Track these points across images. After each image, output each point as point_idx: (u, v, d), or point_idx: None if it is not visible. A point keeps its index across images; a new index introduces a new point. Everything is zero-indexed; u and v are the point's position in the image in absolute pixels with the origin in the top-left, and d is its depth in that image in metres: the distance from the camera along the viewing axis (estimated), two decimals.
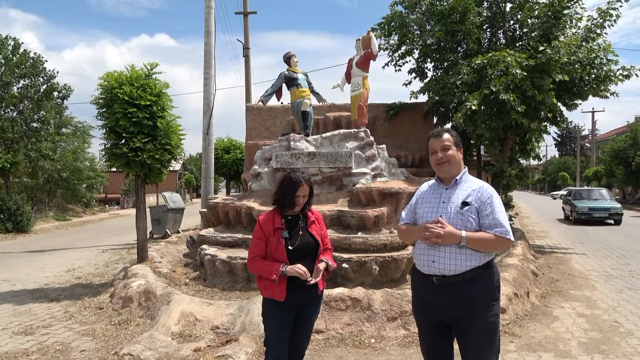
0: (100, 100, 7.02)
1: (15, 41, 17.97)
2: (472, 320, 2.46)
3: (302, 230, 3.01)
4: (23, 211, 16.32)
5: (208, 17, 12.81)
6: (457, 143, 2.66)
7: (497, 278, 2.55)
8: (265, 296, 2.96)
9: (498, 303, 2.53)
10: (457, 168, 2.64)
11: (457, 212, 2.52)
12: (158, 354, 4.22)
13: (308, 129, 8.42)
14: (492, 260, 2.56)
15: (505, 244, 2.50)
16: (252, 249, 2.99)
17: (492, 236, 2.45)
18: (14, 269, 9.24)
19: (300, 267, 2.83)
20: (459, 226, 2.50)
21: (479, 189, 2.56)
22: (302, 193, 2.98)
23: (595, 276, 7.76)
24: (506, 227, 2.46)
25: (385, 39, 11.82)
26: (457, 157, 2.64)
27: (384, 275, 6.15)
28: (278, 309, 2.91)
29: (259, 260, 2.94)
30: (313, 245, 3.00)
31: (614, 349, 4.42)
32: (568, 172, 54.14)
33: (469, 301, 2.46)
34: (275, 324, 2.94)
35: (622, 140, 29.59)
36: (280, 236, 2.92)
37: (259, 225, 3.00)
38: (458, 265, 2.48)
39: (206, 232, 7.61)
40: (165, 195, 14.52)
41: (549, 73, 8.96)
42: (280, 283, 2.86)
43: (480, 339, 2.49)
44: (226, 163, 18.96)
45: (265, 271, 2.88)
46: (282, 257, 2.88)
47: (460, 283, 2.48)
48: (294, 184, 2.97)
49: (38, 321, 5.54)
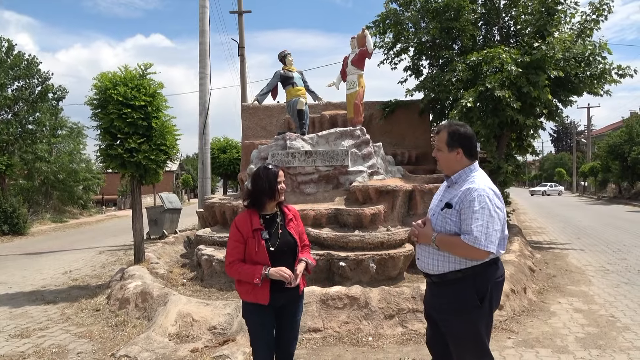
0: (94, 101, 6.99)
1: (9, 42, 17.89)
2: (446, 323, 2.51)
3: (281, 228, 2.92)
4: (19, 213, 16.23)
5: (203, 17, 12.78)
6: (451, 142, 2.52)
7: (482, 286, 2.42)
8: (247, 300, 2.86)
9: (481, 311, 2.41)
10: (449, 168, 2.58)
11: (439, 213, 2.54)
12: (155, 355, 4.21)
13: (304, 127, 8.40)
14: (479, 267, 2.42)
15: (474, 253, 2.35)
16: (231, 252, 2.85)
17: (461, 242, 2.37)
18: (11, 271, 9.20)
19: (285, 271, 2.75)
20: (440, 227, 2.51)
21: (465, 192, 2.43)
22: (281, 178, 2.93)
23: (592, 271, 7.78)
24: (476, 235, 2.32)
25: (380, 37, 11.81)
26: (446, 158, 2.56)
27: (381, 273, 6.14)
28: (260, 312, 2.84)
29: (239, 264, 2.81)
30: (293, 244, 2.92)
31: (611, 343, 4.43)
32: (564, 168, 54.38)
33: (443, 305, 2.51)
34: (259, 326, 2.87)
35: (617, 136, 29.75)
36: (260, 237, 2.81)
37: (236, 226, 2.87)
38: (435, 265, 2.51)
39: (203, 232, 7.59)
40: (162, 196, 14.48)
41: (543, 69, 8.98)
42: (263, 286, 2.76)
43: (458, 343, 2.50)
44: (223, 163, 18.96)
45: (247, 275, 2.76)
46: (263, 260, 2.78)
47: (442, 284, 2.51)
48: (273, 173, 2.90)
49: (34, 324, 5.51)
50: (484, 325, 2.45)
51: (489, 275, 2.45)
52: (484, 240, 2.31)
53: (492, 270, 2.46)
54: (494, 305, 2.50)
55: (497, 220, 2.37)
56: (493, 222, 2.35)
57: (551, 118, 10.84)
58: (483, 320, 2.44)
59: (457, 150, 2.52)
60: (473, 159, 2.56)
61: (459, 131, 2.53)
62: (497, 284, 2.49)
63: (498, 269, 2.51)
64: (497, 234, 2.36)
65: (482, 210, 2.34)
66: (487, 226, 2.33)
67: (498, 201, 2.42)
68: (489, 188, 2.42)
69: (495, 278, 2.48)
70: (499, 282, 2.51)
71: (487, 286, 2.43)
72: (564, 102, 10.57)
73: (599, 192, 39.13)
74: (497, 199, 2.42)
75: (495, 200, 2.40)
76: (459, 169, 2.54)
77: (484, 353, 2.46)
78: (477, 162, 2.60)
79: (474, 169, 2.54)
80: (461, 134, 2.53)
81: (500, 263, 2.55)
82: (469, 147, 2.53)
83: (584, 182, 45.52)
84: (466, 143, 2.53)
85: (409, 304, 4.86)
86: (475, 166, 2.57)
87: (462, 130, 2.54)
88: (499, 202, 2.43)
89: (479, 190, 2.39)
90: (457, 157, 2.53)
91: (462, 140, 2.52)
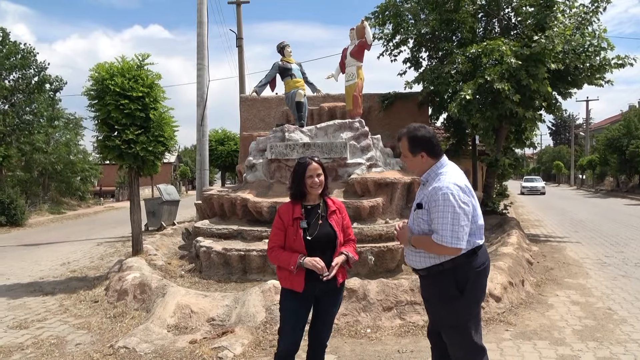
0: (91, 92, 6.94)
1: (4, 32, 17.72)
2: (434, 314, 2.68)
3: (321, 219, 2.95)
4: (17, 205, 16.22)
5: (200, 7, 12.66)
6: (413, 148, 2.60)
7: (462, 276, 2.50)
8: (284, 286, 2.94)
9: (463, 301, 2.49)
10: (417, 171, 2.70)
11: (413, 213, 2.67)
12: (154, 346, 4.21)
13: (302, 119, 8.37)
14: (459, 258, 2.49)
15: (444, 250, 2.45)
16: (272, 239, 2.97)
17: (431, 241, 2.48)
18: (8, 262, 9.19)
19: (319, 262, 2.79)
20: (415, 227, 2.64)
21: (431, 191, 2.51)
22: (314, 172, 2.90)
23: (589, 264, 7.81)
24: (442, 234, 2.42)
25: (379, 29, 11.73)
26: (412, 163, 2.67)
27: (379, 265, 6.15)
28: (294, 299, 2.90)
29: (278, 250, 2.91)
30: (332, 236, 2.94)
31: (608, 336, 4.45)
32: (562, 161, 54.39)
33: (430, 296, 2.66)
34: (290, 313, 2.93)
35: (616, 129, 29.76)
36: (299, 226, 2.88)
37: (279, 215, 2.97)
38: (418, 262, 2.63)
39: (201, 224, 7.58)
40: (160, 188, 14.46)
41: (543, 62, 8.94)
42: (298, 274, 2.83)
43: (446, 333, 2.62)
44: (221, 154, 18.91)
45: (284, 261, 2.85)
46: (300, 248, 2.85)
47: (427, 277, 2.64)
48: (301, 166, 2.93)
49: (33, 315, 5.51)
50: (468, 315, 2.53)
51: (468, 266, 2.53)
52: (449, 237, 2.41)
53: (471, 260, 2.54)
54: (478, 295, 2.58)
55: (463, 216, 2.43)
56: (459, 218, 2.42)
57: (550, 111, 10.83)
58: (466, 310, 2.52)
59: (421, 154, 2.61)
60: (438, 157, 2.63)
61: (417, 135, 2.61)
62: (478, 273, 2.56)
63: (478, 257, 2.56)
64: (464, 229, 2.43)
65: (446, 208, 2.43)
66: (453, 223, 2.42)
67: (464, 196, 2.47)
68: (453, 184, 2.47)
69: (476, 267, 2.55)
70: (480, 272, 2.57)
71: (468, 276, 2.51)
72: (563, 94, 10.55)
73: (597, 185, 39.22)
74: (463, 194, 2.47)
75: (461, 195, 2.45)
76: (427, 169, 2.64)
77: (469, 342, 2.54)
78: (444, 157, 2.65)
79: (442, 166, 2.61)
80: (420, 137, 2.60)
81: (482, 251, 2.60)
82: (430, 148, 2.60)
83: (582, 176, 45.60)
84: (427, 145, 2.60)
85: (407, 296, 4.87)
86: (443, 162, 2.62)
87: (420, 134, 2.61)
88: (465, 197, 2.47)
89: (443, 189, 2.46)
90: (422, 160, 2.63)
91: (422, 143, 2.60)
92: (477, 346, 2.55)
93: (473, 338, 2.53)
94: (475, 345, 2.55)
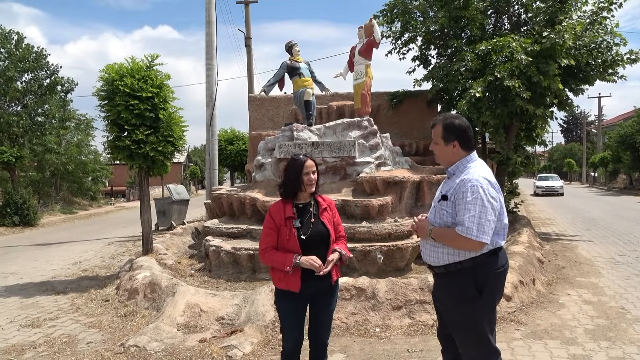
0: (101, 92, 7.00)
1: (18, 35, 17.96)
2: (448, 314, 2.58)
3: (314, 218, 2.94)
4: (29, 205, 16.43)
5: (209, 7, 12.71)
6: (447, 136, 2.53)
7: (481, 277, 2.42)
8: (279, 287, 2.91)
9: (481, 301, 2.41)
10: (446, 161, 2.59)
11: (436, 205, 2.58)
12: (164, 345, 4.24)
13: (311, 118, 8.36)
14: (479, 258, 2.43)
15: (467, 244, 2.36)
16: (264, 239, 2.92)
17: (454, 233, 2.39)
18: (21, 262, 9.31)
19: (316, 260, 2.77)
20: (437, 219, 2.54)
21: (459, 183, 2.44)
22: (309, 169, 2.91)
23: (601, 263, 7.71)
24: (467, 225, 2.33)
25: (387, 27, 11.66)
26: (442, 151, 2.58)
27: (388, 264, 6.13)
28: (291, 300, 2.88)
29: (271, 251, 2.87)
30: (325, 234, 2.93)
31: (621, 335, 4.39)
32: (574, 159, 53.76)
33: (445, 296, 2.56)
34: (287, 313, 2.93)
35: (629, 126, 29.25)
36: (292, 226, 2.85)
37: (270, 215, 2.93)
38: (436, 258, 2.54)
39: (210, 223, 7.61)
40: (170, 187, 14.56)
41: (554, 58, 8.82)
42: (294, 274, 2.80)
43: (460, 334, 2.54)
44: (230, 154, 18.96)
45: (278, 262, 2.81)
46: (294, 248, 2.82)
47: (444, 276, 2.55)
48: (297, 163, 2.92)
49: (45, 314, 5.58)
50: (485, 316, 2.46)
51: (488, 266, 2.46)
52: (475, 230, 2.33)
53: (492, 260, 2.47)
54: (496, 296, 2.51)
55: (491, 210, 2.36)
56: (486, 212, 2.35)
57: (562, 108, 10.70)
58: (484, 310, 2.45)
59: (454, 143, 2.54)
60: (470, 150, 2.57)
61: (454, 124, 2.54)
62: (497, 274, 2.49)
63: (498, 259, 2.50)
64: (490, 224, 2.36)
65: (475, 200, 2.35)
66: (480, 216, 2.34)
67: (493, 191, 2.41)
68: (483, 178, 2.41)
69: (496, 269, 2.48)
70: (499, 273, 2.51)
71: (487, 277, 2.44)
72: (574, 91, 10.42)
73: (609, 182, 38.71)
74: (492, 189, 2.42)
75: (490, 190, 2.40)
76: (456, 160, 2.56)
77: (485, 343, 2.47)
78: (475, 152, 2.60)
79: (471, 160, 2.55)
80: (456, 126, 2.54)
81: (502, 253, 2.54)
82: (465, 139, 2.54)
83: (594, 173, 45.03)
84: (462, 135, 2.53)
85: (417, 295, 4.84)
86: (472, 156, 2.57)
87: (457, 123, 2.54)
88: (494, 192, 2.42)
89: (473, 181, 2.39)
90: (454, 150, 2.55)
91: (457, 132, 2.53)
92: (492, 348, 2.49)
93: (489, 339, 2.47)
94: (490, 347, 2.48)
